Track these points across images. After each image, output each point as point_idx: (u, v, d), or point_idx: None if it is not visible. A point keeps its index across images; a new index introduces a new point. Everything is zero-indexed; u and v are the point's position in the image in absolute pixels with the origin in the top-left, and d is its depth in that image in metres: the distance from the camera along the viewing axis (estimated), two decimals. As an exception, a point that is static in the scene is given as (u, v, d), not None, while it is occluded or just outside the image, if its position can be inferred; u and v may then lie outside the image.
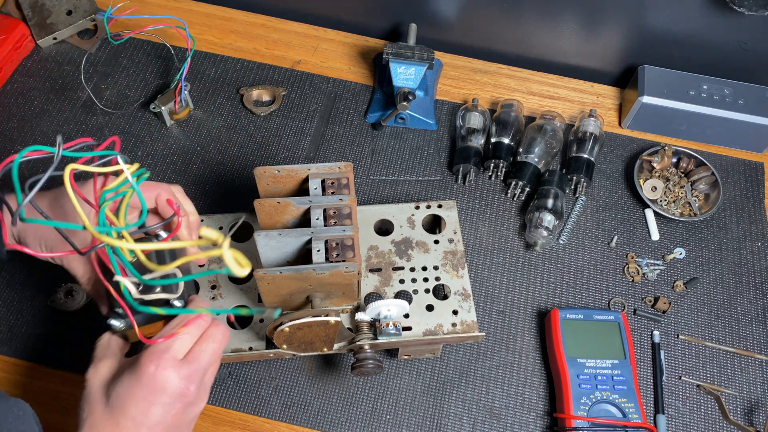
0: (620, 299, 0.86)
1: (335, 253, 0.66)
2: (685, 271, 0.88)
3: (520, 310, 0.85)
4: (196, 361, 0.57)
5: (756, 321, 0.85)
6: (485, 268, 0.87)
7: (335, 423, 0.76)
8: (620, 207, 0.93)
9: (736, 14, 0.89)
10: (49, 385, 0.76)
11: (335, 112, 1.00)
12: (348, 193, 0.70)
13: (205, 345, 0.59)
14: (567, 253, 0.89)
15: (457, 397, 0.78)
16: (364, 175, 0.94)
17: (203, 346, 0.59)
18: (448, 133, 0.99)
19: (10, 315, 0.80)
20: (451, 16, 1.04)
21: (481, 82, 1.04)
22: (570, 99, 1.04)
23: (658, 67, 0.98)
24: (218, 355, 0.60)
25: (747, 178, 0.97)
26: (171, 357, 0.56)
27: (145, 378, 0.55)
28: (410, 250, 0.77)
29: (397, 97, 0.91)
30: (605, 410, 0.74)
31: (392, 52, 0.91)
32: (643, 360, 0.82)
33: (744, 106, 0.94)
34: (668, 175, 0.95)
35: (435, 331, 0.71)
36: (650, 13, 0.96)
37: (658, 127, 0.99)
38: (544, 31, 1.03)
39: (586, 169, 0.92)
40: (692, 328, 0.84)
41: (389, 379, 0.79)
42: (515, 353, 0.82)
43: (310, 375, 0.79)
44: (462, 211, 0.92)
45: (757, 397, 0.80)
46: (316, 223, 0.69)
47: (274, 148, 0.95)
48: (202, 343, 0.59)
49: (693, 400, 0.80)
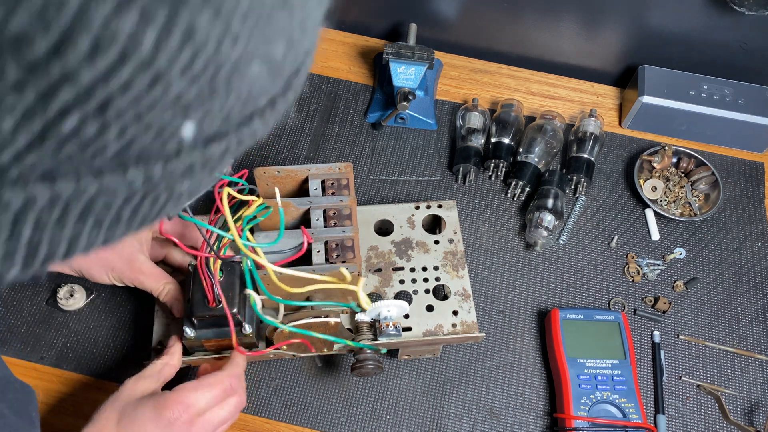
0: (620, 299, 0.86)
1: (335, 254, 0.66)
2: (685, 271, 0.88)
3: (520, 310, 0.85)
4: (208, 423, 0.61)
5: (756, 321, 0.85)
6: (485, 268, 0.87)
7: (335, 423, 0.76)
8: (620, 207, 0.93)
9: (736, 14, 0.89)
10: (49, 385, 0.76)
11: (335, 112, 0.99)
12: (348, 193, 0.70)
13: (221, 411, 0.63)
14: (567, 253, 0.89)
15: (457, 397, 0.78)
16: (364, 175, 0.94)
17: (219, 411, 0.62)
18: (448, 133, 0.99)
19: (10, 315, 0.80)
20: (451, 16, 1.04)
21: (481, 82, 1.04)
22: (570, 99, 1.04)
23: (658, 67, 0.98)
24: (226, 422, 0.64)
25: (747, 178, 0.97)
26: (195, 413, 0.61)
27: (162, 421, 0.59)
28: (410, 251, 0.77)
29: (397, 97, 0.91)
30: (605, 410, 0.74)
31: (392, 52, 0.91)
32: (643, 360, 0.82)
33: (744, 106, 0.94)
34: (668, 175, 0.95)
35: (435, 332, 0.71)
36: (650, 13, 0.96)
37: (658, 127, 0.99)
38: (544, 31, 1.03)
39: (586, 169, 0.92)
40: (692, 328, 0.84)
41: (389, 379, 0.79)
42: (515, 353, 0.82)
43: (310, 375, 0.79)
44: (462, 211, 0.92)
45: (757, 397, 0.80)
46: (316, 224, 0.69)
47: (273, 148, 0.95)
48: (219, 409, 0.63)
49: (693, 400, 0.80)
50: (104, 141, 0.17)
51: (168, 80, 0.17)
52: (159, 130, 0.19)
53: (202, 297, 0.63)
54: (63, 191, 0.18)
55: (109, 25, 0.15)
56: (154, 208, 0.21)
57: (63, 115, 0.16)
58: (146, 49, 0.16)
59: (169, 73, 0.17)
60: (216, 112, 0.20)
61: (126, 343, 0.79)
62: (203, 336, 0.65)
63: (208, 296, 0.63)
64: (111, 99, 0.16)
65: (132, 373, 0.65)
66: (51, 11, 0.14)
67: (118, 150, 0.18)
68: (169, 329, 0.72)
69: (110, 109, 0.17)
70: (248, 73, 0.20)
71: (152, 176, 0.20)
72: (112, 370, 0.78)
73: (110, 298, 0.81)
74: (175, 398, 0.60)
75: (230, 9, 0.17)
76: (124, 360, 0.78)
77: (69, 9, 0.14)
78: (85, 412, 0.74)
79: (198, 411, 0.61)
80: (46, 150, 0.17)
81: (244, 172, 0.67)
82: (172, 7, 0.16)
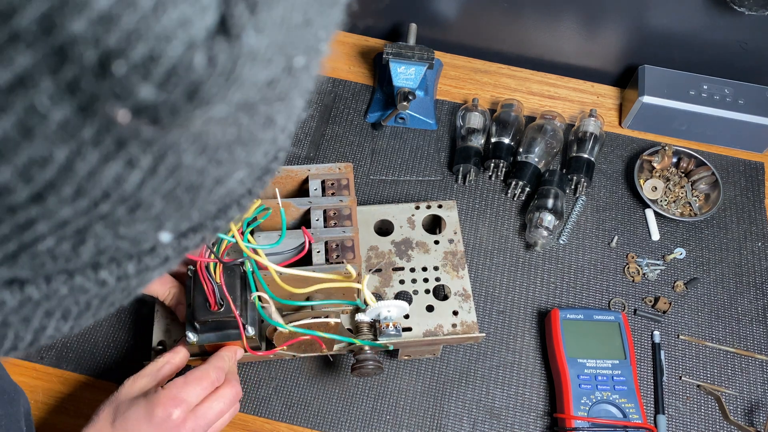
0: (620, 299, 0.86)
1: (335, 254, 0.66)
2: (685, 271, 0.88)
3: (521, 310, 0.85)
4: (202, 417, 0.61)
5: (756, 321, 0.85)
6: (485, 268, 0.87)
7: (335, 423, 0.76)
8: (620, 207, 0.93)
9: (736, 14, 0.89)
10: (49, 385, 0.76)
11: (335, 112, 0.99)
12: (348, 193, 0.70)
13: (215, 403, 0.62)
14: (567, 253, 0.89)
15: (457, 397, 0.78)
16: (364, 175, 0.94)
17: (212, 404, 0.62)
18: (448, 133, 0.99)
19: (11, 315, 0.80)
20: (451, 16, 1.04)
21: (481, 82, 1.04)
22: (570, 99, 1.03)
23: (658, 67, 0.98)
24: (223, 414, 0.63)
25: (747, 178, 0.97)
26: (187, 408, 0.60)
27: (155, 419, 0.59)
28: (410, 251, 0.77)
29: (397, 97, 0.91)
30: (605, 410, 0.74)
31: (392, 52, 0.91)
32: (643, 360, 0.82)
33: (744, 106, 0.94)
34: (668, 175, 0.95)
35: (435, 332, 0.71)
36: (650, 13, 0.96)
37: (658, 127, 0.99)
38: (544, 31, 1.02)
39: (587, 169, 0.92)
40: (692, 328, 0.84)
41: (389, 379, 0.79)
42: (515, 353, 0.82)
43: (310, 375, 0.79)
44: (462, 211, 0.92)
45: (758, 397, 0.80)
46: (316, 224, 0.69)
47: (274, 149, 0.95)
48: (212, 401, 0.62)
49: (693, 401, 0.80)
50: (78, 253, 0.17)
51: (149, 205, 0.17)
52: (135, 239, 0.19)
53: (203, 301, 0.63)
54: (33, 294, 0.18)
55: (93, 175, 0.15)
56: (125, 294, 0.21)
57: (38, 240, 0.16)
58: (129, 188, 0.16)
59: (151, 200, 0.17)
60: (194, 215, 0.20)
61: (126, 343, 0.79)
62: (205, 340, 0.65)
63: (210, 300, 0.63)
64: (89, 225, 0.16)
65: (132, 373, 0.65)
66: (34, 169, 0.14)
67: (91, 256, 0.18)
68: (169, 330, 0.72)
69: (88, 233, 0.17)
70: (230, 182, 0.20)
71: (126, 274, 0.20)
72: (112, 370, 0.78)
73: (110, 298, 0.81)
74: (166, 395, 0.60)
75: (216, 143, 0.17)
76: (124, 360, 0.78)
77: (52, 166, 0.14)
78: (85, 412, 0.74)
79: (189, 405, 0.61)
80: (19, 264, 0.17)
81: None
82: (159, 154, 0.16)
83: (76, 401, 0.76)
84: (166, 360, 0.65)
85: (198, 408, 0.61)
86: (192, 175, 0.17)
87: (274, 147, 0.22)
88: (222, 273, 0.63)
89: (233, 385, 0.64)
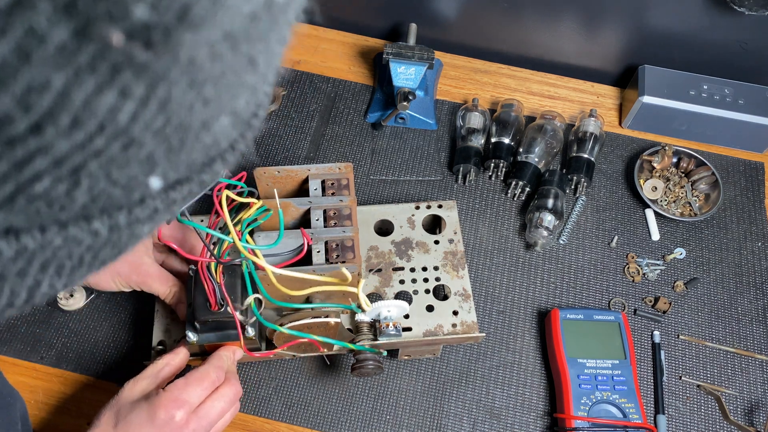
0: (620, 299, 0.86)
1: (335, 254, 0.66)
2: (685, 271, 0.88)
3: (520, 310, 0.85)
4: (205, 417, 0.61)
5: (756, 321, 0.85)
6: (485, 268, 0.87)
7: (335, 423, 0.76)
8: (620, 207, 0.93)
9: (736, 14, 0.89)
10: (49, 385, 0.76)
11: (335, 112, 0.99)
12: (348, 193, 0.70)
13: (216, 402, 0.62)
14: (567, 253, 0.89)
15: (457, 397, 0.78)
16: (364, 175, 0.94)
17: (214, 403, 0.62)
18: (448, 133, 0.99)
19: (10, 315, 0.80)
20: (451, 16, 1.04)
21: (481, 82, 1.04)
22: (570, 99, 1.04)
23: (658, 67, 0.98)
24: (225, 413, 0.63)
25: (747, 178, 0.97)
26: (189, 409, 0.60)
27: (158, 421, 0.59)
28: (410, 251, 0.77)
29: (397, 97, 0.91)
30: (605, 410, 0.74)
31: (392, 52, 0.91)
32: (643, 360, 0.82)
33: (744, 106, 0.94)
34: (668, 175, 0.95)
35: (435, 332, 0.71)
36: (650, 13, 0.96)
37: (658, 127, 0.99)
38: (544, 31, 1.02)
39: (587, 169, 0.92)
40: (692, 328, 0.84)
41: (389, 379, 0.79)
42: (515, 353, 0.82)
43: (310, 375, 0.79)
44: (462, 211, 0.92)
45: (758, 397, 0.80)
46: (316, 224, 0.69)
47: (273, 148, 0.95)
48: (214, 400, 0.62)
49: (693, 400, 0.80)
50: (72, 197, 0.18)
51: (140, 143, 0.18)
52: (127, 185, 0.19)
53: (203, 301, 0.63)
54: (29, 244, 0.18)
55: (89, 104, 0.15)
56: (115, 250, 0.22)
57: (35, 179, 0.16)
58: (123, 120, 0.16)
59: (143, 136, 0.18)
60: (182, 163, 0.21)
61: (126, 343, 0.79)
62: (205, 340, 0.65)
63: (210, 300, 0.63)
64: (84, 163, 0.17)
65: (132, 373, 0.65)
66: (32, 96, 0.14)
67: (84, 204, 0.18)
68: (170, 329, 0.72)
69: (82, 172, 0.17)
70: (215, 127, 0.21)
71: (117, 224, 0.20)
72: (112, 370, 0.78)
73: (110, 298, 0.81)
74: (168, 397, 0.60)
75: (204, 77, 0.18)
76: (124, 360, 0.78)
77: (50, 93, 0.15)
78: (85, 412, 0.74)
79: (191, 406, 0.61)
80: (16, 208, 0.17)
81: (243, 175, 0.67)
82: (151, 83, 0.16)
83: (77, 401, 0.76)
84: (165, 362, 0.65)
85: (200, 408, 0.61)
86: (181, 112, 0.18)
87: (255, 98, 0.22)
88: (223, 273, 0.63)
89: (233, 383, 0.64)
